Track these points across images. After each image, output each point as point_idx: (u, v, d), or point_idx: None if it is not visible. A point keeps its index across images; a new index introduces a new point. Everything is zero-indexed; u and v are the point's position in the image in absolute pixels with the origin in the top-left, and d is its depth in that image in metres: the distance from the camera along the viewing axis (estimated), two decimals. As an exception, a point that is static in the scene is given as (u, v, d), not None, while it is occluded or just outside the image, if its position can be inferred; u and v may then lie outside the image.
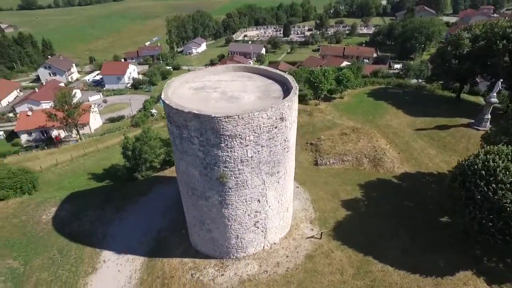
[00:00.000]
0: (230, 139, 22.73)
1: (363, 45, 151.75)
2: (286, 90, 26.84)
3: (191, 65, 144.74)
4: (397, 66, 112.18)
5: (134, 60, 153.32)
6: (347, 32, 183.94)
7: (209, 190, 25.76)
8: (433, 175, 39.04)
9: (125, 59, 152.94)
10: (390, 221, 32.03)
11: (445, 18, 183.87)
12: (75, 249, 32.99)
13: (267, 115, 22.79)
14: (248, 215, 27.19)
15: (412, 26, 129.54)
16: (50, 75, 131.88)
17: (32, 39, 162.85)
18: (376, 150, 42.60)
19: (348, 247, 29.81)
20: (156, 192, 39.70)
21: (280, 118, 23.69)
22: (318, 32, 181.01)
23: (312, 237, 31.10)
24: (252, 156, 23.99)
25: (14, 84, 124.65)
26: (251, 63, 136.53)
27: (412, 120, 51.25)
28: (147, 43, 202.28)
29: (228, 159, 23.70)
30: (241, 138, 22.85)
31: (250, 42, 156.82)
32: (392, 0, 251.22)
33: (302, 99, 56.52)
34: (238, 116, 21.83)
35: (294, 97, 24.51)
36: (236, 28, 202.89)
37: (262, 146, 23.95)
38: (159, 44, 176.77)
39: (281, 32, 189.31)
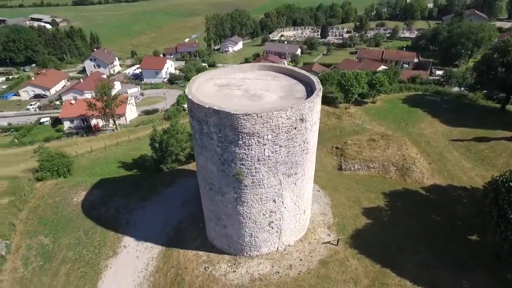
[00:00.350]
0: (248, 137, 22.78)
1: (404, 49, 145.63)
2: (310, 91, 26.42)
3: (226, 63, 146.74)
4: (439, 72, 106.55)
5: (172, 56, 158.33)
6: (388, 35, 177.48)
7: (226, 186, 26.01)
8: (466, 189, 36.71)
9: (164, 55, 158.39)
10: (413, 234, 30.56)
11: (498, 24, 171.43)
12: (100, 233, 34.71)
13: (287, 115, 22.57)
14: (263, 214, 27.13)
15: (459, 31, 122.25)
16: (95, 67, 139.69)
17: (82, 32, 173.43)
18: (405, 159, 40.80)
19: (365, 256, 28.82)
20: (179, 185, 40.73)
21: (300, 119, 23.36)
22: (357, 35, 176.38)
23: (328, 242, 30.42)
24: (269, 156, 23.89)
25: (63, 74, 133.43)
26: (285, 63, 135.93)
27: (448, 129, 48.46)
28: (186, 40, 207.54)
29: (245, 157, 23.77)
30: (259, 137, 22.82)
31: (286, 42, 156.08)
32: (439, 3, 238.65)
33: (331, 102, 55.43)
34: (257, 114, 21.82)
35: (316, 98, 24.08)
36: (273, 28, 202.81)
37: (280, 146, 23.77)
38: (197, 41, 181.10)
39: (319, 33, 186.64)
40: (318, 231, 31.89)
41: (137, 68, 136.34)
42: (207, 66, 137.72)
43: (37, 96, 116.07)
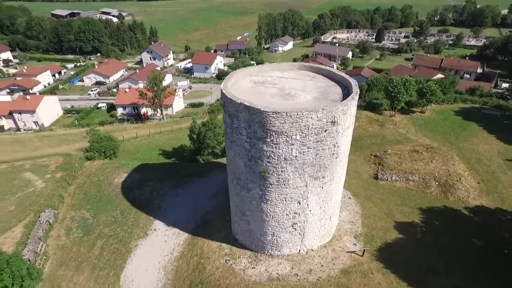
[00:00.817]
0: (276, 135, 22.73)
1: (467, 58, 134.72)
2: (347, 94, 25.66)
3: (274, 62, 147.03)
4: (505, 85, 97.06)
5: (223, 52, 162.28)
6: (450, 42, 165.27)
7: (251, 182, 26.22)
8: (518, 215, 33.20)
9: (215, 51, 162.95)
10: (447, 254, 28.41)
11: None
12: (134, 214, 36.89)
13: (317, 117, 22.14)
14: (287, 214, 26.93)
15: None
16: (151, 59, 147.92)
17: (142, 26, 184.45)
18: (450, 175, 37.90)
19: (391, 272, 27.39)
20: (212, 177, 41.82)
21: (332, 122, 22.79)
22: (416, 40, 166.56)
23: (353, 252, 29.36)
24: (296, 156, 23.64)
25: (122, 64, 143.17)
26: (334, 66, 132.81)
27: (505, 148, 44.09)
28: (238, 38, 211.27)
29: (272, 155, 23.76)
30: (287, 136, 22.68)
31: (337, 45, 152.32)
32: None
33: (376, 108, 53.17)
34: (286, 113, 21.69)
35: (351, 102, 23.30)
36: (326, 30, 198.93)
37: (308, 148, 23.40)
38: (247, 39, 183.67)
39: (373, 37, 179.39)
40: (344, 239, 30.90)
41: (189, 62, 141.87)
42: (255, 64, 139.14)
43: (98, 83, 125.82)
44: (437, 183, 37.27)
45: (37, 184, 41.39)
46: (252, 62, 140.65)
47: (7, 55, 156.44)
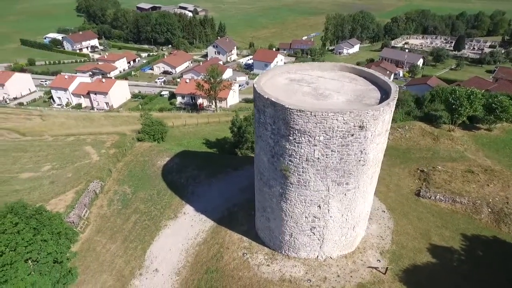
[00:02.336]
0: (299, 134, 22.25)
1: None
2: (385, 99, 24.00)
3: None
4: None
5: (285, 51, 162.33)
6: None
7: (273, 179, 26.06)
8: None
9: (277, 49, 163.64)
10: (485, 291, 25.10)
11: None
12: (169, 195, 39.07)
13: (343, 119, 21.14)
14: (306, 217, 26.24)
15: None
16: (215, 54, 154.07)
17: (212, 22, 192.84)
18: (507, 203, 33.30)
19: (414, 297, 25.13)
20: (247, 170, 42.35)
21: (359, 127, 21.58)
22: (503, 51, 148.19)
23: (375, 268, 27.54)
24: (319, 158, 22.88)
25: (188, 56, 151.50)
26: (401, 73, 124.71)
27: None
28: (304, 37, 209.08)
29: (294, 154, 23.32)
30: (310, 136, 22.06)
31: (407, 50, 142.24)
32: None
33: (433, 120, 48.76)
34: (311, 112, 21.09)
35: (384, 108, 21.76)
36: (398, 34, 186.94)
37: (332, 151, 22.50)
38: (312, 40, 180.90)
39: (452, 45, 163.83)
40: (367, 253, 29.12)
41: (250, 59, 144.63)
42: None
43: (165, 72, 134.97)
44: (489, 210, 33.03)
45: (93, 157, 46.05)
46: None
47: (95, 42, 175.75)
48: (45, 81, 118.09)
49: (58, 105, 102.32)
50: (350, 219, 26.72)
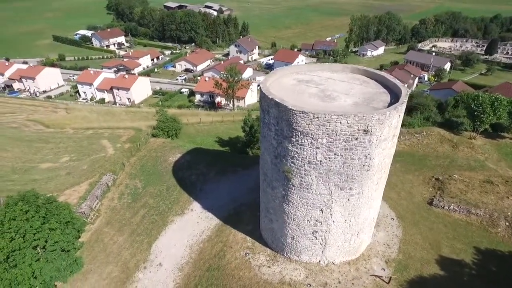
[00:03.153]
0: (302, 136, 21.89)
1: None
2: (395, 103, 23.22)
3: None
4: None
5: (307, 52, 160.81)
6: None
7: (276, 180, 25.81)
8: None
9: (299, 50, 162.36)
10: (494, 309, 23.77)
11: None
12: (177, 192, 39.57)
13: (347, 122, 20.60)
14: (308, 220, 25.81)
15: None
16: (237, 53, 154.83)
17: (236, 21, 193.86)
18: (528, 217, 31.43)
19: (418, 310, 24.18)
20: (256, 170, 41.88)
21: (364, 130, 20.96)
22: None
23: (378, 276, 26.73)
24: (321, 161, 22.43)
25: (210, 55, 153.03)
26: (426, 77, 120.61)
27: None
28: (328, 39, 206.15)
29: (296, 156, 22.98)
30: (312, 138, 21.66)
31: (433, 54, 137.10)
32: None
33: (454, 127, 46.76)
34: (313, 114, 20.69)
35: (390, 112, 21.02)
36: (426, 37, 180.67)
37: (335, 154, 21.99)
38: (335, 41, 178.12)
39: (483, 49, 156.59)
40: (372, 261, 28.30)
41: (271, 59, 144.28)
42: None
43: (186, 70, 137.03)
44: (507, 224, 31.26)
45: (109, 151, 47.40)
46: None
47: (121, 39, 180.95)
48: (73, 75, 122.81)
49: (83, 99, 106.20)
50: (354, 225, 26.04)
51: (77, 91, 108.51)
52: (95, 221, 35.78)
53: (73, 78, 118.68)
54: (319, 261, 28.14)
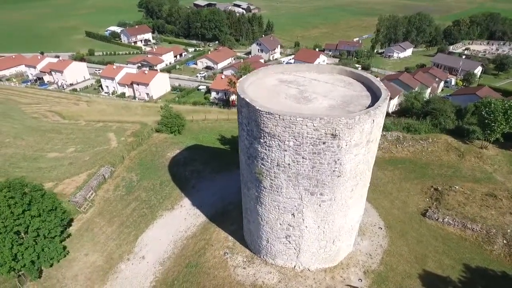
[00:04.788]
0: (269, 137, 21.43)
1: None
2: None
3: (383, 69, 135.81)
4: None
5: (330, 52, 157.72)
6: None
7: (250, 181, 25.51)
8: None
9: (323, 50, 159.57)
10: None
11: None
12: (170, 187, 40.12)
13: (313, 125, 19.90)
14: (280, 224, 25.28)
15: None
16: (258, 51, 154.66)
17: (260, 20, 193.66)
18: (530, 236, 29.03)
19: (390, 326, 23.02)
20: (250, 171, 41.91)
21: (332, 134, 20.16)
22: None
23: (353, 287, 25.69)
24: (289, 164, 21.85)
25: (232, 53, 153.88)
26: (453, 81, 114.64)
27: None
28: (355, 39, 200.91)
29: (266, 158, 22.54)
30: (279, 140, 21.13)
31: (463, 57, 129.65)
32: None
33: (464, 135, 44.04)
34: (279, 116, 20.17)
35: (360, 116, 20.03)
36: (459, 39, 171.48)
37: (303, 158, 21.33)
38: (360, 41, 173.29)
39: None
40: (350, 270, 27.29)
41: (292, 58, 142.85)
42: (359, 68, 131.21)
43: (207, 68, 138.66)
44: (505, 241, 29.02)
45: (112, 144, 48.88)
46: (357, 65, 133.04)
47: (148, 36, 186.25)
48: (98, 70, 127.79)
49: (105, 93, 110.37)
50: (328, 232, 25.18)
51: (100, 85, 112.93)
52: (88, 211, 37.04)
53: (98, 72, 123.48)
54: (294, 266, 27.51)
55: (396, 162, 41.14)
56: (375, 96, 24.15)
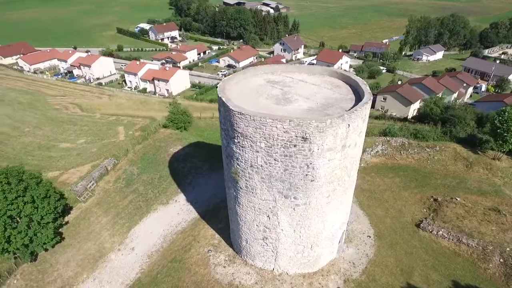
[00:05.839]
0: (242, 138, 21.33)
1: None
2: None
3: (410, 72, 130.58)
4: None
5: (355, 54, 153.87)
6: None
7: (229, 180, 25.54)
8: None
9: (348, 51, 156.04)
10: None
11: None
12: (168, 182, 40.88)
13: (283, 127, 19.58)
14: (257, 225, 25.09)
15: None
16: (281, 51, 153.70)
17: (286, 19, 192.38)
18: (531, 257, 26.93)
19: (362, 338, 22.24)
20: (248, 170, 41.84)
21: (302, 138, 19.73)
22: None
23: (330, 295, 25.05)
24: (262, 165, 21.63)
25: (254, 52, 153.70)
26: (483, 87, 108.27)
27: None
28: (385, 41, 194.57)
29: (240, 158, 22.45)
30: (252, 141, 20.97)
31: (497, 61, 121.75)
32: None
33: (476, 144, 41.53)
34: (250, 116, 20.00)
35: (331, 120, 19.43)
36: (497, 42, 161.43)
37: (275, 160, 21.04)
38: (387, 43, 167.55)
39: None
40: (330, 278, 26.61)
41: (314, 59, 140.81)
42: (384, 71, 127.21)
43: (229, 66, 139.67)
44: (501, 260, 27.09)
45: (120, 137, 50.55)
46: (381, 67, 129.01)
47: (175, 33, 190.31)
48: (124, 65, 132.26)
49: (128, 87, 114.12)
50: (305, 237, 24.66)
51: (124, 80, 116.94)
52: (87, 200, 38.56)
53: (123, 68, 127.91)
54: (273, 269, 27.22)
55: (398, 169, 39.49)
56: (360, 100, 23.31)
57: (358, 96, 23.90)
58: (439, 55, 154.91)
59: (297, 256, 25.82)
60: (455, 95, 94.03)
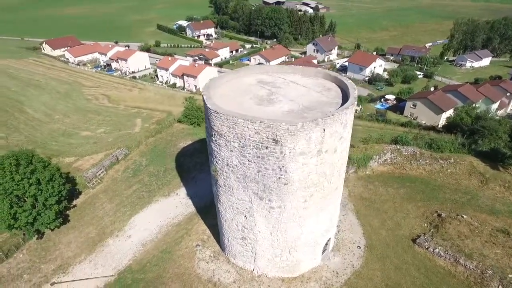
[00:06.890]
0: (218, 136, 21.47)
1: None
2: (337, 116, 20.78)
3: (449, 78, 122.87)
4: None
5: (392, 57, 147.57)
6: None
7: (212, 178, 25.72)
8: None
9: (384, 54, 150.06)
10: None
11: None
12: (172, 175, 42.04)
13: (254, 128, 19.45)
14: (236, 224, 25.13)
15: None
16: (314, 52, 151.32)
17: (322, 19, 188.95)
18: (536, 287, 24.43)
19: None
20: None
21: (273, 140, 19.46)
22: None
23: (305, 303, 24.48)
24: (237, 165, 21.63)
25: (285, 52, 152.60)
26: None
27: None
28: (428, 44, 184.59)
29: (217, 156, 22.62)
30: (226, 140, 21.04)
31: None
32: None
33: (498, 159, 38.26)
34: (224, 115, 20.08)
35: (303, 123, 18.95)
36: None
37: (249, 160, 20.96)
38: (428, 47, 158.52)
39: None
40: (309, 285, 26.02)
41: (347, 61, 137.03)
42: (421, 76, 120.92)
43: (259, 65, 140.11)
44: (501, 287, 24.83)
45: (135, 129, 52.75)
46: (418, 72, 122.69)
47: (211, 31, 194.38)
48: (159, 60, 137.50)
49: (159, 82, 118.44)
50: (282, 241, 24.28)
51: (157, 75, 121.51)
52: (96, 187, 40.72)
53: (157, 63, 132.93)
54: (253, 270, 27.09)
55: (406, 179, 37.46)
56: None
57: (346, 100, 23.04)
58: (486, 61, 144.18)
59: (275, 259, 25.51)
60: (496, 105, 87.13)
